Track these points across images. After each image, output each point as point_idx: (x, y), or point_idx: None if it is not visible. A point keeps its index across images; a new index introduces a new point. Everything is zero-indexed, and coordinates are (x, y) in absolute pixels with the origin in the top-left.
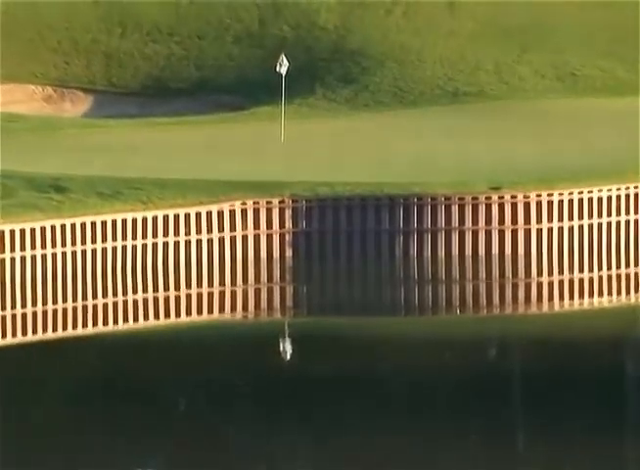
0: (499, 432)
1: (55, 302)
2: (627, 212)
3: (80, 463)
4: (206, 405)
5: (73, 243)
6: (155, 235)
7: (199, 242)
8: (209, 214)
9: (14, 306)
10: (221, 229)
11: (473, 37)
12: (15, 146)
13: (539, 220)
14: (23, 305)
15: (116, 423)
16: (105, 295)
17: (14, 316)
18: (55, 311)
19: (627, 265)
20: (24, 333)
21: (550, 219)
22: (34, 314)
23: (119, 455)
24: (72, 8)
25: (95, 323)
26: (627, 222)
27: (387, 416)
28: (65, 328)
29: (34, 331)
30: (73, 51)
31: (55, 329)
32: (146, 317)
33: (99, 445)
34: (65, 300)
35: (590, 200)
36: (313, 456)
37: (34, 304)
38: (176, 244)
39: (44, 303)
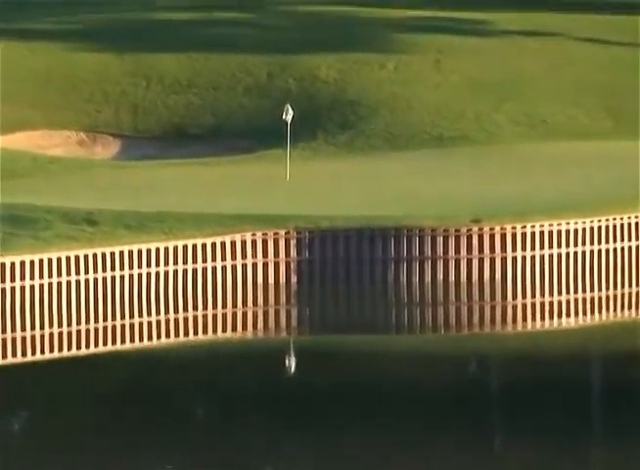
0: (484, 437)
1: (87, 322)
2: (592, 243)
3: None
4: (222, 411)
5: (104, 270)
6: (175, 262)
7: (214, 269)
8: (223, 244)
9: (51, 326)
10: (234, 257)
11: (456, 89)
12: (53, 184)
13: (514, 249)
14: (60, 325)
15: (135, 427)
16: (132, 316)
17: (51, 335)
18: (88, 330)
19: (592, 290)
20: (61, 349)
21: (524, 249)
22: (69, 333)
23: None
24: (103, 63)
25: (123, 341)
26: (592, 252)
27: (382, 419)
28: (96, 345)
29: (69, 348)
30: (104, 101)
31: (87, 346)
32: (167, 335)
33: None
34: (96, 320)
35: (559, 232)
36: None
37: (69, 324)
38: (194, 270)
39: (78, 323)
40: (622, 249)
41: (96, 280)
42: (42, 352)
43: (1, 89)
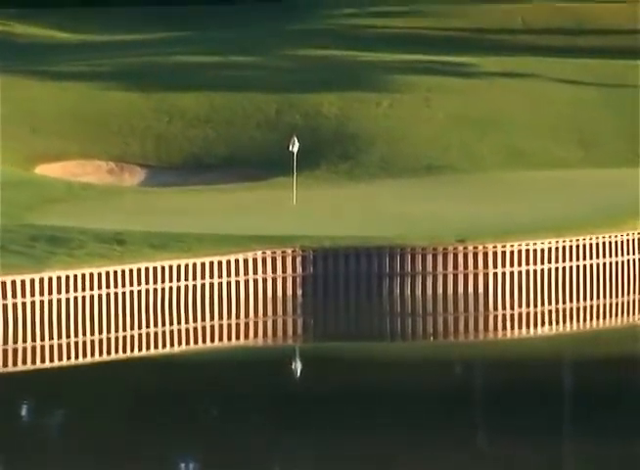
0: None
1: (117, 330)
2: (564, 260)
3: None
4: (234, 409)
5: (131, 284)
6: (194, 278)
7: (228, 283)
8: (237, 261)
9: (84, 334)
10: (246, 273)
11: (443, 124)
12: (85, 208)
13: (495, 266)
14: (92, 333)
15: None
16: (155, 324)
17: (84, 343)
18: (117, 338)
19: (564, 302)
20: (92, 355)
21: (504, 265)
22: (100, 341)
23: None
24: (130, 101)
25: (148, 347)
26: (564, 269)
27: (380, 418)
28: (124, 351)
29: (100, 353)
30: (131, 134)
31: (117, 352)
32: (187, 343)
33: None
34: (124, 329)
35: (535, 250)
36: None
37: (100, 332)
38: (211, 285)
39: (108, 331)
40: (591, 265)
41: (124, 293)
42: (76, 357)
43: (40, 124)
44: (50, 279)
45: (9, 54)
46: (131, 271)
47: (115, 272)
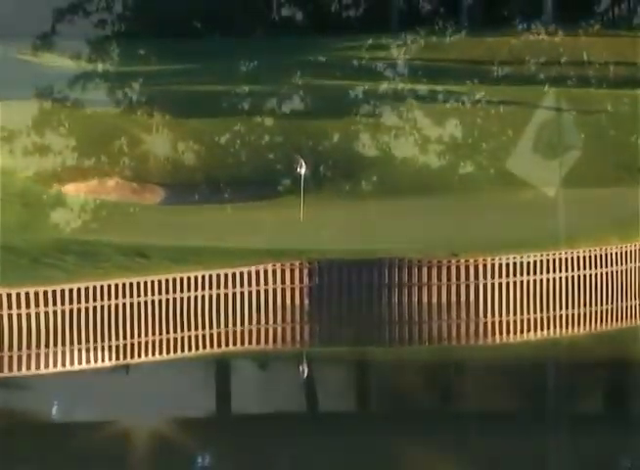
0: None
1: (140, 336)
2: (547, 272)
3: None
4: (247, 402)
5: (153, 293)
6: (210, 288)
7: (241, 293)
8: (249, 273)
9: (110, 339)
10: (258, 284)
11: (436, 147)
12: (111, 224)
13: (485, 277)
14: (117, 339)
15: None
16: (175, 331)
17: (110, 347)
18: (139, 343)
19: (548, 310)
20: (117, 358)
21: (493, 277)
22: (125, 346)
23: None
24: (150, 126)
25: (168, 352)
26: (548, 280)
27: (378, 412)
28: (147, 355)
29: (124, 357)
30: (151, 156)
31: (139, 356)
32: (204, 347)
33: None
34: (146, 334)
35: (521, 263)
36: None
37: (125, 337)
38: (225, 295)
39: (132, 336)
40: (573, 277)
41: (146, 302)
42: (102, 360)
43: (68, 147)
44: (79, 289)
45: (39, 82)
46: (153, 282)
47: (139, 283)
